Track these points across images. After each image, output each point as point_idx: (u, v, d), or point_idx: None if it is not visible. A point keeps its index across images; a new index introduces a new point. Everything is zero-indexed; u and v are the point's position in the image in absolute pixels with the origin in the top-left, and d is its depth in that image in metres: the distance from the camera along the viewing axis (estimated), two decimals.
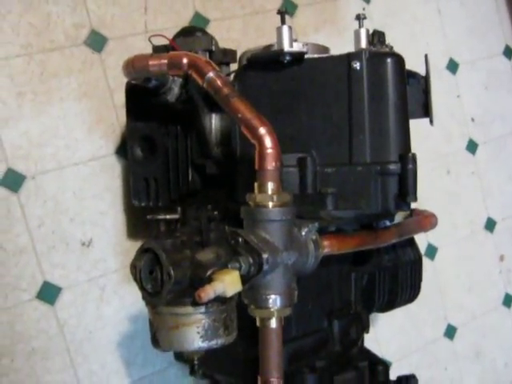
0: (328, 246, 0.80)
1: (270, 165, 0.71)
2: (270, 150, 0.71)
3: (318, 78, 0.83)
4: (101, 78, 1.10)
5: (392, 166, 0.80)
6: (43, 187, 1.05)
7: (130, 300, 1.11)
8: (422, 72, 0.95)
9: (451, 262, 1.45)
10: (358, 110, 0.81)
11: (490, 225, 1.51)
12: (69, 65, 1.07)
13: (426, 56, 0.99)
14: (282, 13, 0.83)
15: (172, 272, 0.58)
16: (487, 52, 1.51)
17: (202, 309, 0.61)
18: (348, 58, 0.82)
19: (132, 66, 0.81)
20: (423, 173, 0.84)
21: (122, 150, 1.09)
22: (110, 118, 1.10)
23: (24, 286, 1.03)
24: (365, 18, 0.87)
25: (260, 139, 0.71)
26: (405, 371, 1.39)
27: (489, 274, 1.51)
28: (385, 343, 1.36)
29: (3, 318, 1.01)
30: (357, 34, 0.86)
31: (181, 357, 1.02)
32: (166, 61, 0.79)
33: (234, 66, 1.05)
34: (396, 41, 1.41)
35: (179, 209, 0.76)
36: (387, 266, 1.03)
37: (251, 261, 0.65)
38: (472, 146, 1.48)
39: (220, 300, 0.61)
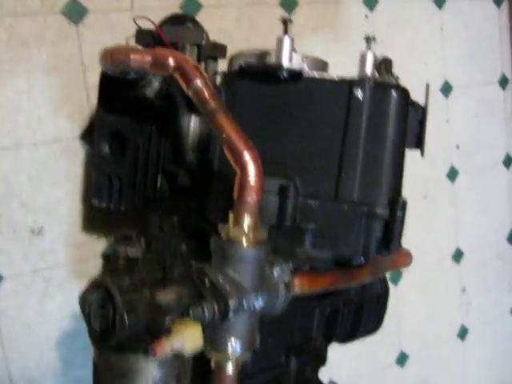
0: (299, 286, 0.74)
1: (251, 197, 0.64)
2: (252, 181, 0.64)
3: (314, 99, 0.76)
4: (75, 53, 0.99)
5: (380, 210, 0.73)
6: None
7: (76, 296, 1.02)
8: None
9: (414, 289, 1.41)
10: (352, 142, 0.74)
11: (458, 255, 1.48)
12: (41, 34, 0.96)
13: (427, 86, 0.92)
14: (286, 21, 0.75)
15: (126, 318, 0.51)
16: (483, 78, 1.46)
17: (155, 360, 0.54)
18: (350, 84, 0.74)
19: (110, 58, 0.72)
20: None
21: (88, 136, 1.00)
22: (80, 98, 1.00)
23: None
24: (374, 40, 0.79)
25: (243, 166, 0.64)
26: None
27: (449, 305, 1.48)
28: (336, 366, 1.31)
29: None
30: (363, 57, 0.78)
31: None
32: (149, 58, 0.70)
33: (222, 62, 0.97)
34: (395, 53, 1.35)
35: (142, 243, 0.68)
36: (353, 300, 0.98)
37: (216, 308, 0.58)
38: (453, 174, 1.44)
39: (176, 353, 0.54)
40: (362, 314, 1.01)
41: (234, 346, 0.64)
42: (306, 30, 1.21)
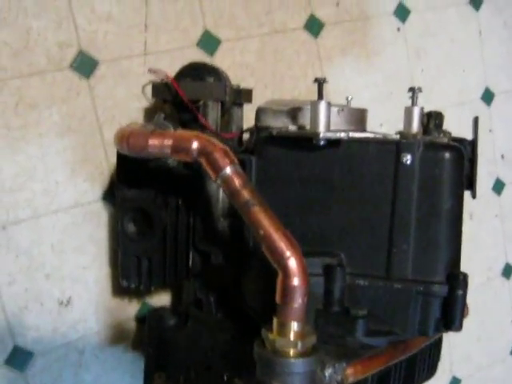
0: (352, 375, 0.67)
1: (296, 302, 0.57)
2: (296, 283, 0.57)
3: (356, 166, 0.68)
4: (88, 109, 0.92)
5: (438, 288, 0.66)
6: (15, 239, 0.89)
7: (112, 364, 0.98)
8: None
9: None
10: (403, 212, 0.66)
11: (508, 271, 1.39)
12: (50, 93, 0.89)
13: (475, 119, 0.83)
14: (320, 83, 0.67)
15: None
16: None
17: None
18: (397, 147, 0.66)
19: (127, 143, 0.64)
20: None
21: (111, 196, 0.94)
22: (98, 156, 0.94)
23: None
24: (420, 91, 0.70)
25: (285, 268, 0.57)
26: None
27: (500, 323, 1.40)
28: None
29: None
30: (408, 113, 0.70)
31: None
32: (170, 142, 0.63)
33: (248, 107, 0.89)
34: (431, 66, 1.25)
35: (182, 381, 0.62)
36: (405, 358, 0.91)
37: None
38: (499, 186, 1.34)
39: None
40: (415, 367, 0.94)
41: None
42: (335, 51, 1.12)
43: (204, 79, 0.80)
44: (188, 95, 0.80)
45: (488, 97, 1.30)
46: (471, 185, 0.84)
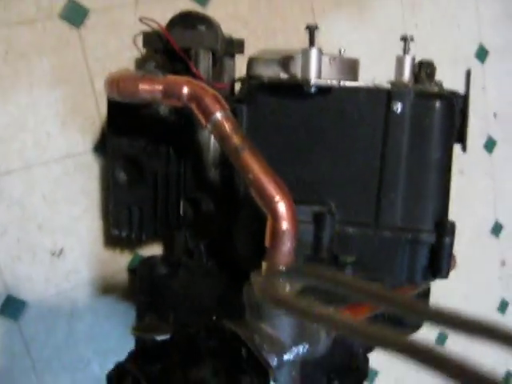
0: None
1: (285, 245, 0.58)
2: (285, 227, 0.58)
3: (347, 114, 0.68)
4: (79, 60, 0.91)
5: (426, 236, 0.67)
6: (7, 190, 0.89)
7: (105, 315, 0.99)
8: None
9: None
10: (392, 162, 0.67)
11: (497, 229, 1.40)
12: (40, 43, 0.88)
13: (468, 72, 0.83)
14: (312, 30, 0.66)
15: None
16: None
17: None
18: (388, 96, 0.66)
19: (117, 88, 0.64)
20: None
21: (103, 147, 0.93)
22: (89, 107, 0.93)
23: None
24: (412, 39, 0.70)
25: (274, 211, 0.58)
26: None
27: (488, 279, 1.42)
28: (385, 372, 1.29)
29: None
30: (399, 62, 0.70)
31: None
32: (160, 87, 0.63)
33: (240, 59, 0.88)
34: (425, 22, 1.23)
35: (172, 319, 0.63)
36: None
37: (255, 381, 0.53)
38: (490, 144, 1.35)
39: None
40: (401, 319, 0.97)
41: None
42: (329, 5, 1.10)
43: (195, 27, 0.79)
44: (179, 44, 0.79)
45: (482, 54, 1.29)
46: (462, 138, 0.85)
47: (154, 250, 1.00)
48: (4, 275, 0.91)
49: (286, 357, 0.58)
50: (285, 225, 0.57)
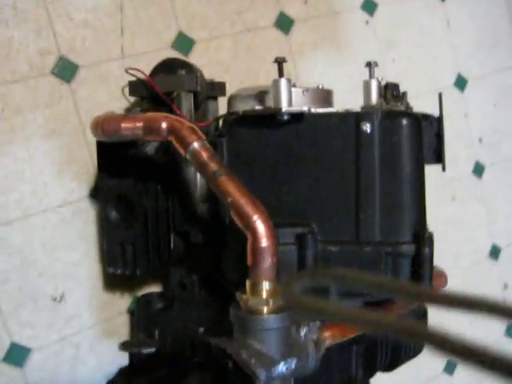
0: (330, 337, 0.70)
1: (266, 262, 0.60)
2: (265, 244, 0.60)
3: (320, 138, 0.72)
4: (71, 112, 0.97)
5: (405, 248, 0.69)
6: (7, 239, 0.93)
7: (108, 358, 1.01)
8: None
9: None
10: (366, 179, 0.70)
11: (495, 252, 1.42)
12: (34, 98, 0.94)
13: (440, 95, 0.87)
14: (280, 62, 0.71)
15: None
16: (497, 65, 1.39)
17: None
18: (357, 118, 0.70)
19: (101, 128, 0.69)
20: (427, 200, 0.73)
21: (97, 193, 0.97)
22: (83, 156, 0.98)
23: None
24: (376, 65, 0.75)
25: (253, 230, 0.61)
26: None
27: None
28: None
29: None
30: (367, 86, 0.74)
31: None
32: (141, 124, 0.67)
33: (222, 100, 0.93)
34: (402, 56, 1.29)
35: (156, 335, 0.65)
36: None
37: None
38: (479, 169, 1.38)
39: None
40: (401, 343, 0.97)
41: None
42: (306, 47, 1.16)
43: (176, 72, 0.85)
44: (162, 88, 0.84)
45: (461, 83, 1.34)
46: (440, 158, 0.89)
47: (153, 290, 1.02)
48: (7, 323, 0.94)
49: (276, 371, 0.60)
50: (264, 242, 0.60)
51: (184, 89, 0.84)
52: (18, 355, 0.95)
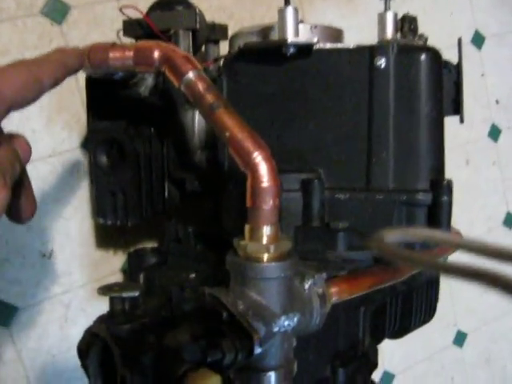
0: (337, 294, 0.63)
1: (267, 204, 0.54)
2: (266, 184, 0.54)
3: (329, 76, 0.65)
4: None
5: (421, 196, 0.63)
6: None
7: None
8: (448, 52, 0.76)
9: None
10: (380, 120, 0.63)
11: (510, 220, 1.35)
12: (22, 40, 0.87)
13: (459, 40, 0.80)
14: None
15: (128, 377, 0.42)
16: None
17: None
18: (370, 52, 0.63)
19: (88, 59, 0.62)
20: None
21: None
22: (74, 104, 0.91)
23: None
24: None
25: (253, 168, 0.54)
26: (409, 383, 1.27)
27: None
28: (389, 353, 1.22)
29: None
30: (381, 19, 0.67)
31: None
32: (131, 53, 0.60)
33: (224, 44, 0.86)
34: (417, 10, 1.21)
35: (141, 279, 0.59)
36: (400, 291, 0.88)
37: (238, 345, 0.48)
38: (495, 132, 1.31)
39: None
40: (411, 304, 0.91)
41: (268, 379, 0.55)
42: None
43: (173, 8, 0.78)
44: (158, 26, 0.77)
45: (478, 40, 1.26)
46: (458, 109, 0.82)
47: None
48: None
49: (276, 326, 0.54)
50: (266, 181, 0.53)
51: (182, 26, 0.77)
52: (4, 314, 0.89)
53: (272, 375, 0.55)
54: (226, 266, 0.57)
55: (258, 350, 0.50)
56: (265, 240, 0.54)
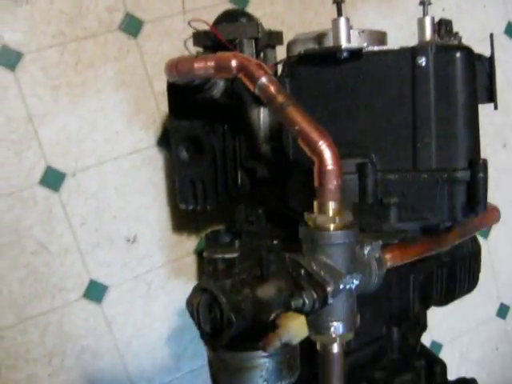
0: (391, 259, 0.75)
1: (331, 183, 0.65)
2: (330, 167, 0.65)
3: (377, 74, 0.76)
4: (138, 65, 1.03)
5: (460, 174, 0.73)
6: (84, 184, 1.01)
7: (178, 295, 1.09)
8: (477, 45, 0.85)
9: (505, 241, 1.38)
10: (423, 110, 0.74)
11: None
12: (104, 53, 1.01)
13: (491, 35, 0.90)
14: (339, 3, 0.75)
15: (233, 318, 0.54)
16: None
17: (266, 353, 0.57)
18: (412, 52, 0.74)
19: (176, 69, 0.74)
20: None
21: (164, 141, 1.05)
22: (150, 107, 1.05)
23: (70, 285, 1.01)
24: (430, 3, 0.78)
25: (320, 155, 0.66)
26: (456, 353, 1.36)
27: None
28: (435, 325, 1.32)
29: (52, 319, 1.00)
30: (421, 24, 0.77)
31: None
32: (212, 63, 0.72)
33: (279, 48, 0.98)
34: (452, 5, 1.30)
35: (237, 244, 0.72)
36: (445, 262, 0.98)
37: (315, 296, 0.60)
38: None
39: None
40: (455, 274, 1.01)
41: (336, 328, 0.66)
42: None
43: (238, 20, 0.90)
44: (225, 37, 0.89)
45: (511, 30, 1.35)
46: (492, 97, 0.91)
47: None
48: (86, 262, 1.02)
49: (342, 284, 0.65)
50: (330, 164, 0.65)
51: (246, 36, 0.89)
52: (96, 292, 1.03)
53: (340, 325, 0.66)
54: (298, 236, 0.69)
55: (330, 300, 0.61)
56: (331, 213, 0.65)
